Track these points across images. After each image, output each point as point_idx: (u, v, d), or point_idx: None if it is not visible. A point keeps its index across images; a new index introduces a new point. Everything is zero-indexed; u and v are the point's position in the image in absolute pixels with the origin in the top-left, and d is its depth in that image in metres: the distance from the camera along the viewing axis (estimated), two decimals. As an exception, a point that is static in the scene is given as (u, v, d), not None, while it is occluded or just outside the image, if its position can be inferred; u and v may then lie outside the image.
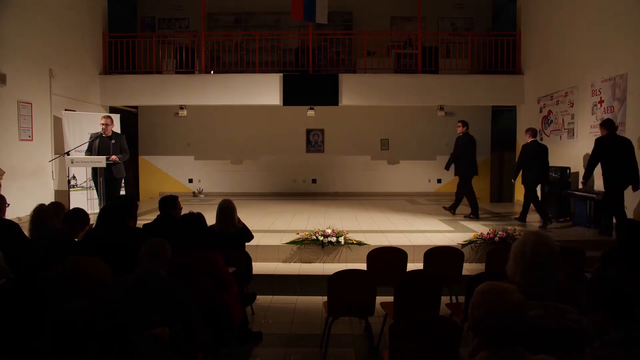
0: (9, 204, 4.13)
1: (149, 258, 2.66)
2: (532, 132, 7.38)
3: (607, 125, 6.31)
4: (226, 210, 4.34)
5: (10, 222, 3.65)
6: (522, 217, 7.52)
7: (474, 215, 7.83)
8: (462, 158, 7.86)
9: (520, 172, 7.45)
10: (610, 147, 6.16)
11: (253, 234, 4.60)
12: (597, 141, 6.32)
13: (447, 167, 8.30)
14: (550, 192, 8.14)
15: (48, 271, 2.82)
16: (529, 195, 7.31)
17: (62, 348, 1.77)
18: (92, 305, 1.88)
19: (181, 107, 10.56)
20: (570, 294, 2.23)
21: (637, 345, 1.63)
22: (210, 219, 4.04)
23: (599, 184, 7.20)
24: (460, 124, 8.01)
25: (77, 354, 1.77)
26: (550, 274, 2.11)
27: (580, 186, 7.03)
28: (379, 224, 7.45)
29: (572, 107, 8.17)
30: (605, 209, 6.52)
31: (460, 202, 8.17)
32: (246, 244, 4.53)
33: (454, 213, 8.19)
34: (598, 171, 7.22)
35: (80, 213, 3.74)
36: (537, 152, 7.23)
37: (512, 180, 7.85)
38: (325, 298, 3.64)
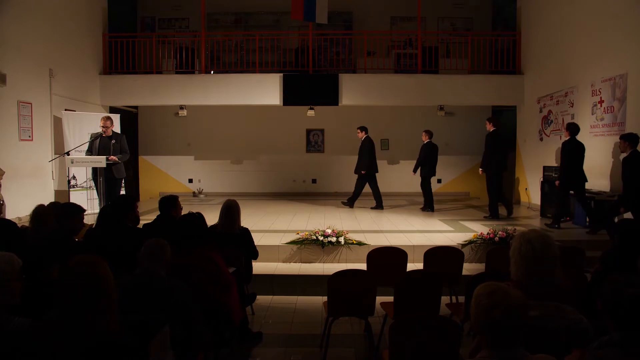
0: (2, 202, 4.13)
1: (149, 258, 2.66)
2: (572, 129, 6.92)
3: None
4: (231, 210, 4.31)
5: (7, 221, 3.65)
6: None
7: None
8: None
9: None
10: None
11: (252, 234, 4.57)
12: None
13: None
14: (551, 192, 8.14)
15: (47, 272, 2.82)
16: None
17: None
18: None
19: (181, 107, 10.56)
20: (570, 294, 2.23)
21: (636, 345, 1.63)
22: (210, 219, 4.03)
23: (600, 184, 7.20)
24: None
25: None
26: (551, 273, 2.11)
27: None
28: (379, 224, 7.45)
29: (572, 107, 8.17)
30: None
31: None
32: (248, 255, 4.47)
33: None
34: (600, 170, 7.23)
35: (72, 207, 3.72)
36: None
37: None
38: (325, 298, 3.64)
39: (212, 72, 10.95)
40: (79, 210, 3.72)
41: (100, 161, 6.71)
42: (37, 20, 7.85)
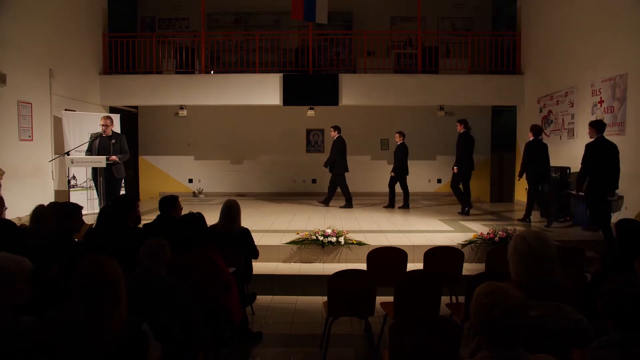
0: (6, 207, 4.12)
1: (149, 258, 2.66)
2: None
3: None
4: (231, 209, 4.31)
5: (7, 221, 3.64)
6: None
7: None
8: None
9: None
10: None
11: (252, 234, 4.56)
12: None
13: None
14: (550, 192, 8.14)
15: (47, 272, 2.82)
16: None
17: None
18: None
19: (181, 107, 10.56)
20: (570, 294, 2.23)
21: (636, 346, 1.63)
22: (210, 219, 4.03)
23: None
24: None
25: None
26: (550, 272, 2.11)
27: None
28: (379, 224, 7.45)
29: (572, 107, 8.17)
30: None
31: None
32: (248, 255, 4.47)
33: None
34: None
35: (71, 206, 3.71)
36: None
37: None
38: (325, 298, 3.64)
39: (212, 72, 10.95)
40: (78, 209, 3.71)
41: (100, 161, 6.71)
42: (37, 20, 7.84)
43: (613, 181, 5.98)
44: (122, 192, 7.84)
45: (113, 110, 10.30)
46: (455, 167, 8.45)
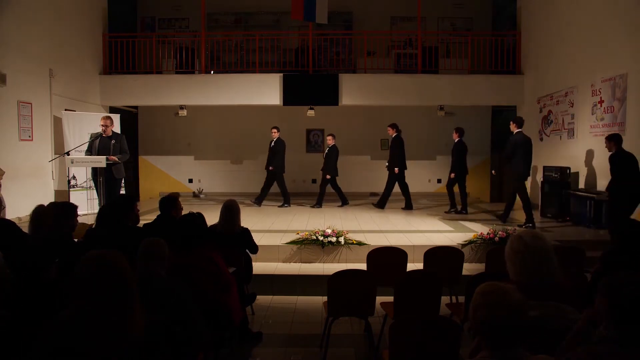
0: (5, 206, 4.13)
1: (146, 257, 2.66)
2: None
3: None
4: (231, 210, 4.31)
5: (7, 221, 3.64)
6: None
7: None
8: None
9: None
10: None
11: (252, 234, 4.56)
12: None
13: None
14: (551, 192, 8.15)
15: (47, 272, 2.82)
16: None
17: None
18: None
19: (181, 107, 10.56)
20: (570, 294, 2.23)
21: (635, 342, 1.62)
22: (210, 219, 4.03)
23: (600, 184, 7.20)
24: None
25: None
26: (549, 272, 2.11)
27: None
28: (379, 224, 7.45)
29: (572, 107, 8.17)
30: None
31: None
32: (248, 250, 4.48)
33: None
34: (600, 170, 7.24)
35: (69, 206, 3.71)
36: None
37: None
38: (325, 298, 3.64)
39: (212, 72, 10.95)
40: (74, 209, 3.72)
41: (101, 161, 6.70)
42: (37, 20, 7.85)
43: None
44: (122, 192, 7.83)
45: (113, 110, 10.30)
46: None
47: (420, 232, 6.77)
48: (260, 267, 5.34)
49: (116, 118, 8.78)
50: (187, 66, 10.48)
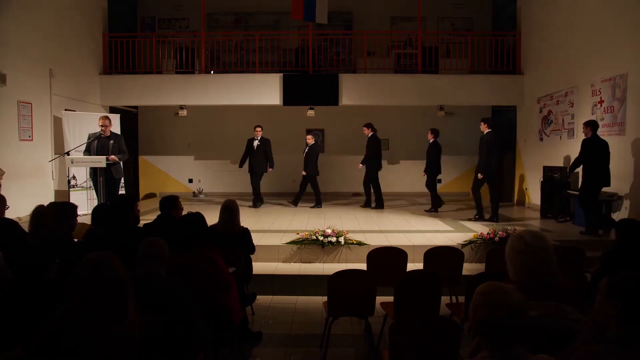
0: (8, 206, 4.13)
1: (146, 257, 2.66)
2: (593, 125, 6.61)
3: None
4: (230, 210, 4.32)
5: (9, 220, 3.64)
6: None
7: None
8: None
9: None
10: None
11: (252, 234, 4.57)
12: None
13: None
14: (551, 192, 8.15)
15: (47, 272, 2.82)
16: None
17: None
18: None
19: (181, 107, 10.56)
20: (570, 294, 2.23)
21: (637, 343, 1.62)
22: (210, 219, 4.03)
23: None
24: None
25: None
26: (549, 271, 2.11)
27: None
28: (379, 224, 7.45)
29: (572, 107, 8.17)
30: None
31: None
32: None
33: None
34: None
35: (69, 206, 3.71)
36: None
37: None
38: (325, 298, 3.64)
39: (212, 72, 10.95)
40: (75, 208, 3.72)
41: (100, 161, 6.71)
42: (37, 20, 7.85)
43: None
44: (122, 192, 7.84)
45: (113, 110, 10.30)
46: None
47: (420, 232, 6.77)
48: (260, 267, 5.34)
49: (116, 118, 8.79)
50: (187, 66, 10.47)
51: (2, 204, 4.03)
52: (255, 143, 9.35)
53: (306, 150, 9.62)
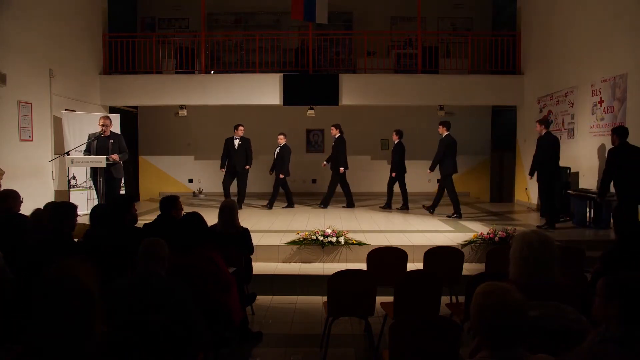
0: (22, 200, 4.19)
1: (146, 257, 2.66)
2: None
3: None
4: (229, 210, 4.33)
5: (19, 217, 3.63)
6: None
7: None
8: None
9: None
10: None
11: (252, 234, 4.57)
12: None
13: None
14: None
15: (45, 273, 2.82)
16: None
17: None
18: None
19: (181, 107, 10.55)
20: (570, 294, 2.23)
21: (637, 343, 1.62)
22: (210, 219, 4.03)
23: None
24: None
25: None
26: (550, 273, 2.11)
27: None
28: (379, 224, 7.45)
29: (572, 107, 8.17)
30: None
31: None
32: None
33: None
34: (600, 170, 7.23)
35: (69, 206, 3.70)
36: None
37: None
38: (325, 298, 3.64)
39: (212, 72, 10.95)
40: (74, 208, 3.72)
41: (100, 161, 6.71)
42: (37, 20, 7.84)
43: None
44: (122, 192, 7.84)
45: (113, 110, 10.29)
46: (393, 173, 9.27)
47: (420, 232, 6.77)
48: (260, 267, 5.34)
49: (116, 118, 8.79)
50: (187, 66, 10.47)
51: (16, 198, 4.08)
52: (237, 142, 9.26)
53: (277, 151, 9.51)
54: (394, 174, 9.20)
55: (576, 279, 3.23)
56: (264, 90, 10.02)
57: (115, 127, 8.24)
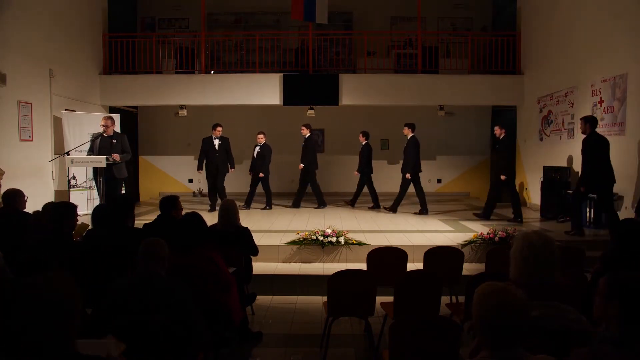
0: (27, 198, 4.22)
1: (146, 258, 2.66)
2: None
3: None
4: (229, 209, 4.33)
5: (22, 215, 3.64)
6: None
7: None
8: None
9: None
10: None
11: (252, 234, 4.56)
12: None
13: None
14: (551, 192, 8.15)
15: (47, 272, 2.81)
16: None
17: None
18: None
19: (181, 107, 10.55)
20: (570, 294, 2.23)
21: (637, 343, 1.62)
22: (210, 219, 4.04)
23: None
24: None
25: None
26: (550, 273, 2.11)
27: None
28: (379, 224, 7.45)
29: (572, 107, 8.17)
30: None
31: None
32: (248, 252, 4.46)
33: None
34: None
35: (69, 206, 3.70)
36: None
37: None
38: (325, 298, 3.64)
39: (212, 72, 10.95)
40: (74, 208, 3.72)
41: (100, 161, 6.70)
42: (37, 20, 7.84)
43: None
44: (123, 192, 7.83)
45: (113, 110, 10.29)
46: (356, 172, 9.48)
47: (420, 232, 6.77)
48: (260, 267, 5.34)
49: (116, 118, 8.78)
50: (187, 66, 10.47)
51: (22, 197, 4.11)
52: (217, 142, 9.17)
53: (257, 150, 9.40)
54: (357, 173, 9.49)
55: (576, 279, 3.23)
56: (264, 90, 10.02)
57: (116, 127, 8.24)
